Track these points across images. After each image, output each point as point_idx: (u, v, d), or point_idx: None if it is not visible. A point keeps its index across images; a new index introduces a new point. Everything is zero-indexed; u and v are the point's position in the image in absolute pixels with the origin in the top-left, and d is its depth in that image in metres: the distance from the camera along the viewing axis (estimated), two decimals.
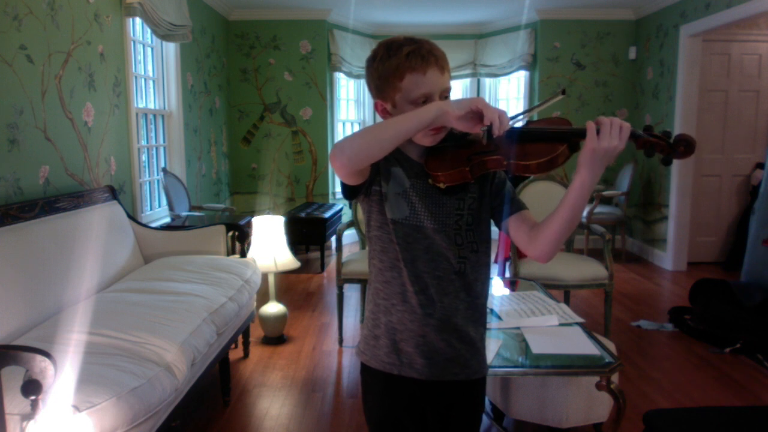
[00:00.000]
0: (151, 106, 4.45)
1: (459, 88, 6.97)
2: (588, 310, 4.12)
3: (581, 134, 1.06)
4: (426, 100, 1.17)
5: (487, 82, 6.89)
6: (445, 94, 1.19)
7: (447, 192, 1.21)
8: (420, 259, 1.22)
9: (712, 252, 5.59)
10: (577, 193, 1.09)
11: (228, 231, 3.36)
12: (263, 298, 3.67)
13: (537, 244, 1.18)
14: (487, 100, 6.63)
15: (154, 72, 4.49)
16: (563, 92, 1.07)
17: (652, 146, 1.05)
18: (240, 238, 3.37)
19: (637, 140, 1.05)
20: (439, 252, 1.22)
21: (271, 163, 6.26)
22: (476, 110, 1.06)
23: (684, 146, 1.02)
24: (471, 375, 1.28)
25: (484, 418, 2.55)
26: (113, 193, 3.21)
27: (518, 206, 1.25)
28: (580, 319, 2.33)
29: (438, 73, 1.17)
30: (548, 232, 1.15)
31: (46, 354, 1.49)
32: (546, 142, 1.10)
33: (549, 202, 3.29)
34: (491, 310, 2.45)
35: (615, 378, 2.06)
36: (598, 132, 1.04)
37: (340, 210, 6.03)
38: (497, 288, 3.07)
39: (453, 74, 5.00)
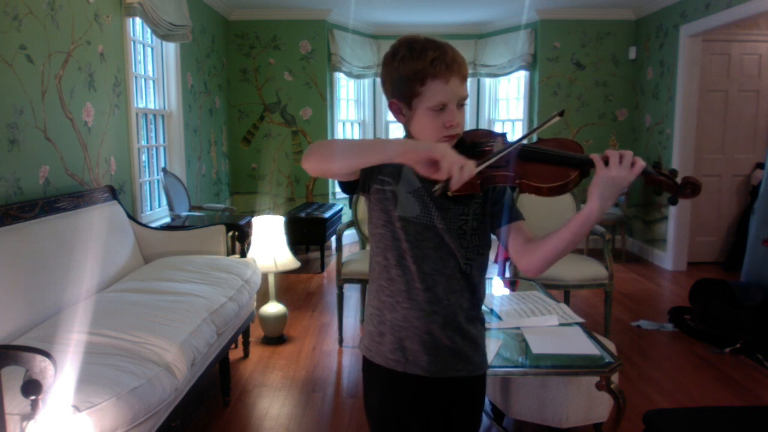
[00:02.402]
0: (151, 106, 4.45)
1: None
2: (588, 310, 4.12)
3: (593, 163, 1.08)
4: (443, 107, 1.17)
5: (487, 82, 6.89)
6: (462, 102, 1.20)
7: (453, 198, 1.22)
8: (429, 258, 1.23)
9: (712, 252, 5.59)
10: (583, 220, 1.11)
11: (228, 231, 3.36)
12: (263, 298, 3.66)
13: (530, 257, 1.20)
14: (486, 100, 6.51)
15: (154, 72, 4.49)
16: (560, 114, 1.10)
17: (660, 185, 1.09)
18: (240, 238, 3.37)
19: (647, 177, 1.09)
20: (449, 251, 1.23)
21: (271, 163, 6.26)
22: (434, 159, 1.01)
23: (691, 188, 1.07)
24: (473, 371, 1.29)
25: (484, 418, 2.55)
26: (113, 193, 3.21)
27: (516, 216, 1.26)
28: (580, 319, 2.33)
29: (459, 82, 1.17)
30: (545, 250, 1.17)
31: (46, 354, 1.49)
32: (559, 166, 1.10)
33: (552, 206, 3.29)
34: (491, 310, 2.46)
35: (615, 378, 2.06)
36: (607, 162, 1.06)
37: (340, 210, 6.03)
38: (497, 288, 3.08)
39: None
